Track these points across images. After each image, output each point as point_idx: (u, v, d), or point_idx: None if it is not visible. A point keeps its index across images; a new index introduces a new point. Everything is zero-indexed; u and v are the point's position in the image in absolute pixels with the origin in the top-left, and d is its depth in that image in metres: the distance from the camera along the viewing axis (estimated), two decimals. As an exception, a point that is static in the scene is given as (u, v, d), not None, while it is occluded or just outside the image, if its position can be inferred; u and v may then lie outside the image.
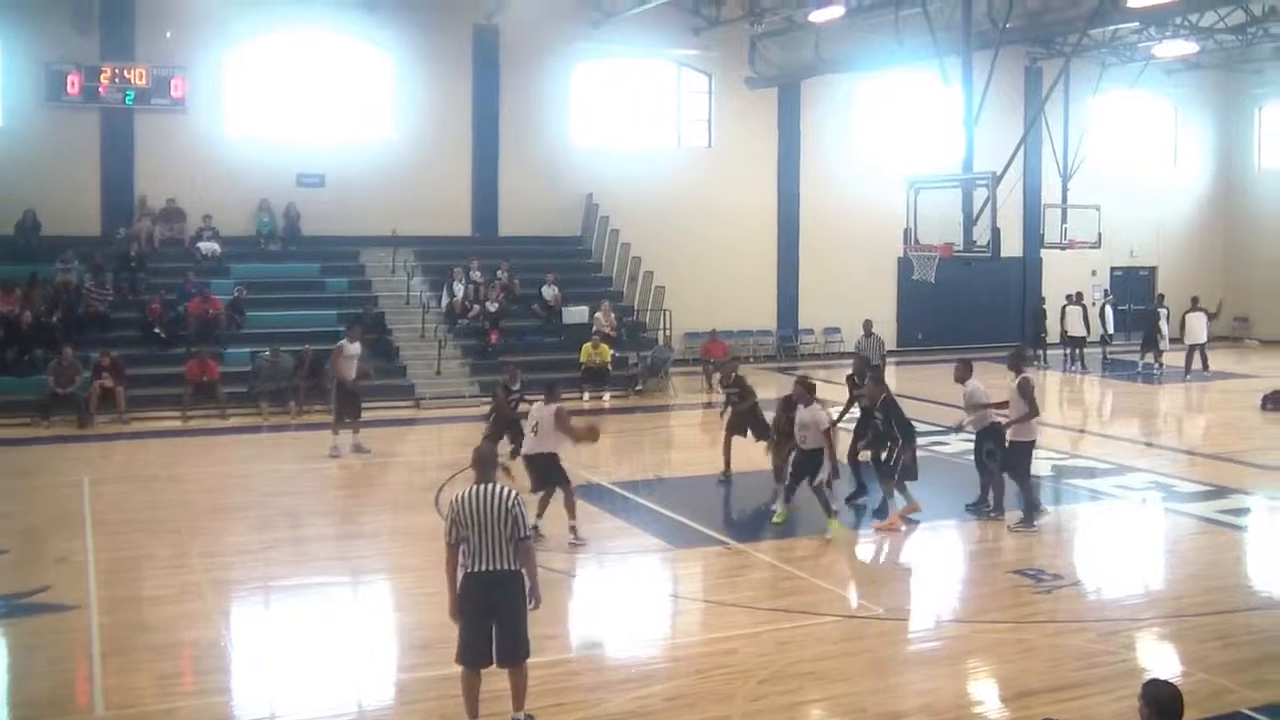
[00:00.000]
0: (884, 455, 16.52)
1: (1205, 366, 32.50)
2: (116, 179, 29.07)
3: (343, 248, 30.61)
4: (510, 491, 9.40)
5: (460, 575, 9.38)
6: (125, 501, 17.82)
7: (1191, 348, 32.40)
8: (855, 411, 18.22)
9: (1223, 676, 10.76)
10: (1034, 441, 16.45)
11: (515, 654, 9.43)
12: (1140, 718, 6.61)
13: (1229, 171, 42.92)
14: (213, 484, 19.34)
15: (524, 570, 9.38)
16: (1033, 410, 16.09)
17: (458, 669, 9.50)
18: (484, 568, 9.24)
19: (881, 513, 16.58)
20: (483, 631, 9.35)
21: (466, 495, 9.34)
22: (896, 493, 16.25)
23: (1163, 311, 33.76)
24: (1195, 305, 33.18)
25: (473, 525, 9.23)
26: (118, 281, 27.37)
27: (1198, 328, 32.46)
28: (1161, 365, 33.10)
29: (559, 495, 15.36)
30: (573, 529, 15.27)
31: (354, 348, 20.98)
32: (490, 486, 9.35)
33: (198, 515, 16.96)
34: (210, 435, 23.63)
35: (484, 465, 9.56)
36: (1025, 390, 16.08)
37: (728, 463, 19.07)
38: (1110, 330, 35.50)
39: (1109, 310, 35.60)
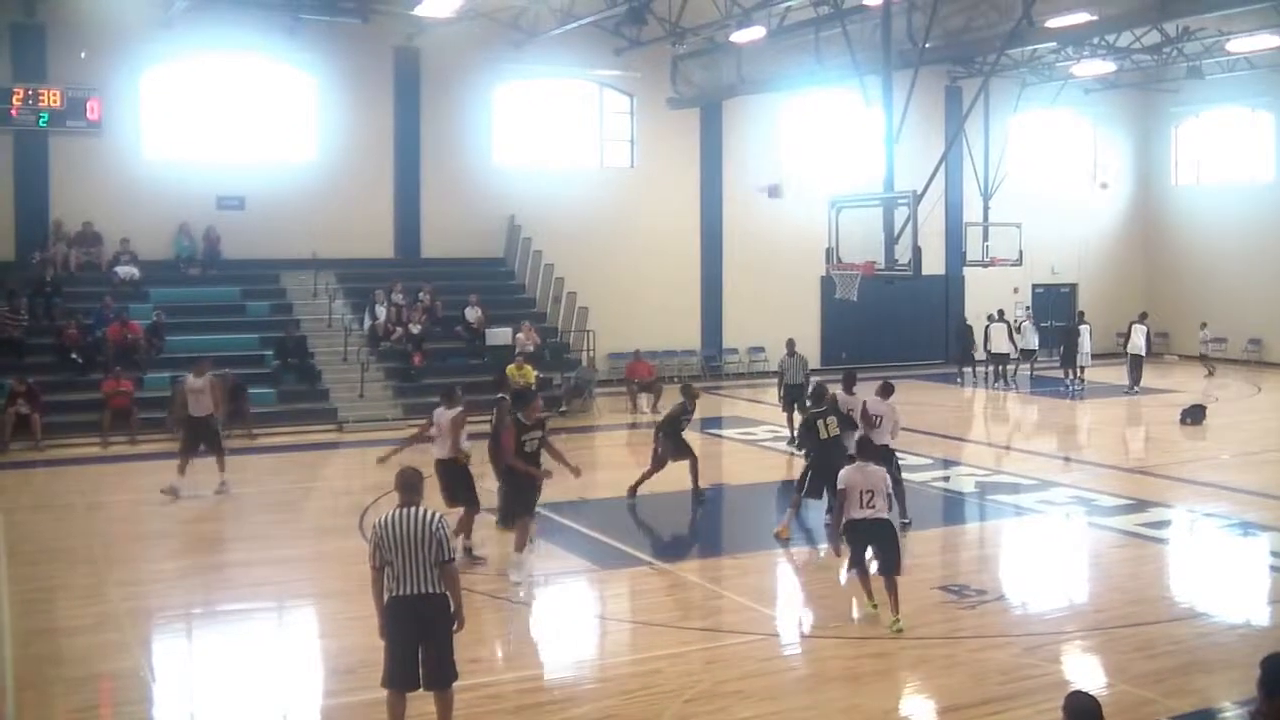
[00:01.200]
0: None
1: (1137, 381, 32.97)
2: (30, 202, 28.55)
3: (263, 271, 30.28)
4: (434, 514, 9.29)
5: (385, 599, 9.27)
6: (40, 531, 17.46)
7: (1133, 358, 32.93)
8: None
9: (1144, 687, 10.85)
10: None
11: (441, 678, 9.35)
12: (1062, 730, 6.63)
13: (1147, 189, 43.54)
14: (131, 511, 19.05)
15: (448, 593, 9.28)
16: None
17: (384, 693, 9.39)
18: (408, 591, 9.15)
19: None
20: (408, 655, 9.25)
21: (390, 519, 9.24)
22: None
23: (1083, 328, 34.17)
24: (1142, 318, 33.80)
25: (396, 548, 9.12)
26: (33, 306, 26.89)
27: (1139, 340, 33.10)
28: (1082, 381, 33.51)
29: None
30: (467, 549, 15.17)
31: (199, 382, 20.05)
32: (414, 509, 9.25)
33: (115, 544, 16.70)
34: (129, 461, 23.21)
35: (408, 488, 9.41)
36: None
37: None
38: (1034, 347, 35.79)
39: (1030, 327, 35.89)
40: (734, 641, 12.44)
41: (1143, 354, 33.24)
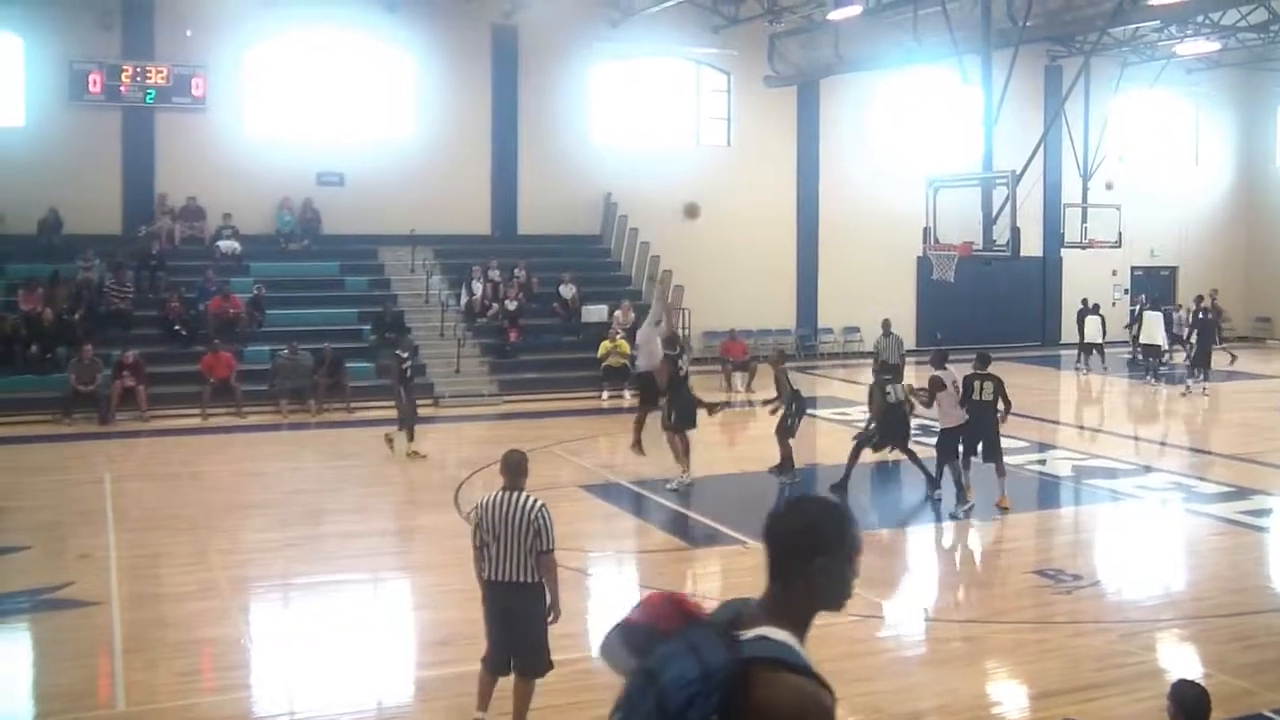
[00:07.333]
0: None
1: (1154, 371, 31.56)
2: (137, 177, 29.20)
3: (362, 246, 30.66)
4: (535, 501, 9.13)
5: (482, 579, 9.27)
6: (146, 499, 17.88)
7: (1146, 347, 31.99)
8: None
9: (1244, 678, 10.69)
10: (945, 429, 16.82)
11: (529, 668, 9.25)
12: (1169, 718, 6.61)
13: (1250, 171, 42.73)
14: (232, 482, 19.44)
15: (545, 582, 9.17)
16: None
17: (477, 665, 9.45)
18: (501, 577, 9.08)
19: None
20: (500, 640, 9.24)
21: (491, 501, 9.17)
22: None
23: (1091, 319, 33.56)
24: (1154, 304, 32.67)
25: (494, 532, 9.05)
26: (138, 280, 27.46)
27: (1154, 328, 31.63)
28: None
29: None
30: None
31: None
32: (514, 494, 9.13)
33: (217, 513, 17.02)
34: (230, 433, 23.70)
35: (511, 471, 9.27)
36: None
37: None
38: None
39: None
40: (827, 622, 12.30)
41: (1158, 344, 31.76)
